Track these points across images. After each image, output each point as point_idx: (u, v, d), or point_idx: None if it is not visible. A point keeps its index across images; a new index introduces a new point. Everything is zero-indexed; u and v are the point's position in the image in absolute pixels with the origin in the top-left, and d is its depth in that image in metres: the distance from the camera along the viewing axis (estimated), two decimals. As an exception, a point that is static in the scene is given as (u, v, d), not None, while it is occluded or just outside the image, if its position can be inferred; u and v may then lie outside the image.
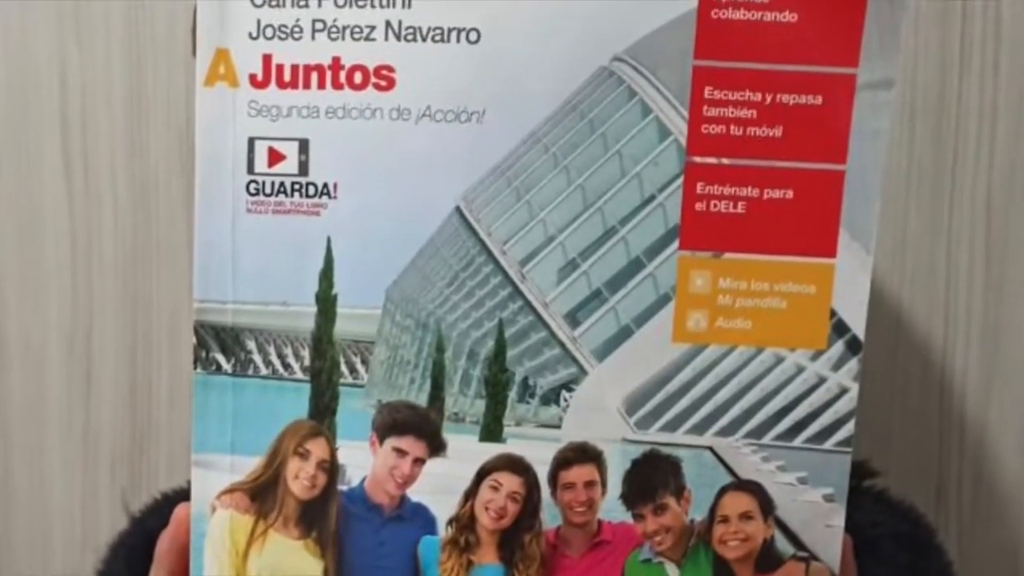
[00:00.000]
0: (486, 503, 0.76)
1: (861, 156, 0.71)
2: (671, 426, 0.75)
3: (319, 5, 0.72)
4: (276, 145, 0.73)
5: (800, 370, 0.75)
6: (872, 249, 0.73)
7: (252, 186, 0.74)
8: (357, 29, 0.72)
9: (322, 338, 0.76)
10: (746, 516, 0.75)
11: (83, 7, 1.31)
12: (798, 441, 0.75)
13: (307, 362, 0.77)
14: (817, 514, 0.74)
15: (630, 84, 0.73)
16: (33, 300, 1.37)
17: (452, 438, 0.76)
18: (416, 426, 0.76)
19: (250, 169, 0.74)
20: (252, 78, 0.73)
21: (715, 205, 0.72)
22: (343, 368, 0.77)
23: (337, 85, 0.73)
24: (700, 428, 0.75)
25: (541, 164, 0.74)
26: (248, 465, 0.76)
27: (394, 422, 0.76)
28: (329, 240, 0.74)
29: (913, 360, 1.27)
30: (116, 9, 1.31)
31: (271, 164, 0.74)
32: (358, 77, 0.72)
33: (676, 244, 0.73)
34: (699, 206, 0.73)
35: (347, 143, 0.73)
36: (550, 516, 0.76)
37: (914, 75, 1.21)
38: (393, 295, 0.76)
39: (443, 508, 0.77)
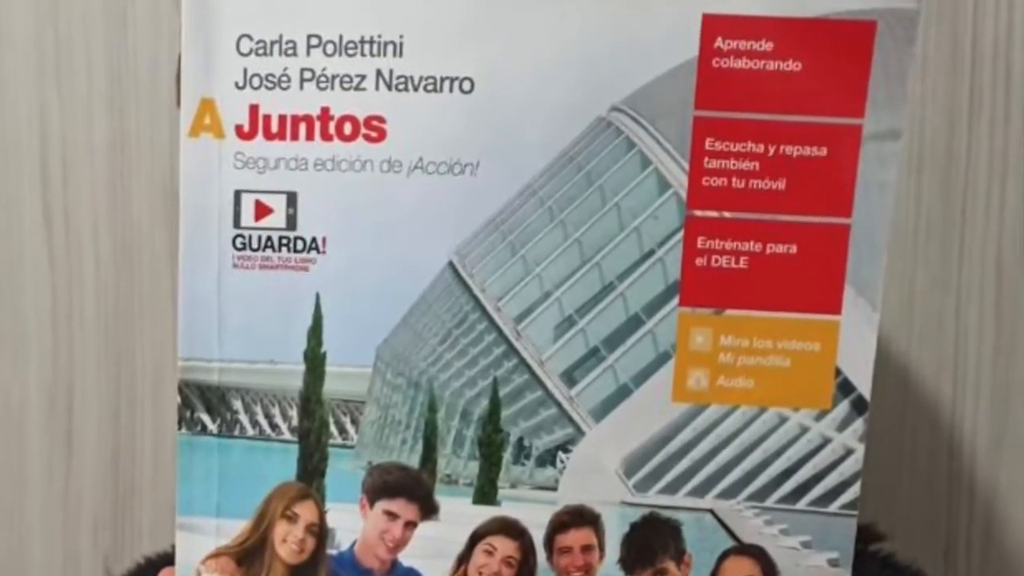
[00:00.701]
0: (480, 568, 0.75)
1: (867, 209, 0.70)
2: (671, 488, 0.74)
3: (307, 54, 0.71)
4: (263, 198, 0.73)
5: (804, 430, 0.73)
6: (878, 305, 0.71)
7: (238, 240, 0.73)
8: (347, 78, 0.71)
9: (311, 397, 0.75)
10: (749, 581, 0.74)
11: (64, 54, 1.30)
12: (802, 504, 0.74)
13: (295, 422, 0.76)
14: (822, 580, 0.74)
15: (629, 135, 0.72)
16: (12, 356, 1.35)
17: (445, 501, 0.75)
18: (408, 488, 0.75)
19: (236, 223, 0.73)
20: (238, 129, 0.72)
21: (716, 260, 0.71)
22: (332, 428, 0.76)
23: (326, 136, 0.72)
24: (701, 490, 0.74)
25: (537, 218, 0.73)
26: (234, 528, 0.75)
27: (385, 484, 0.75)
28: (318, 296, 0.73)
29: (921, 420, 1.26)
30: (98, 57, 1.30)
31: (258, 218, 0.73)
32: (348, 128, 0.71)
33: (676, 300, 0.72)
34: (700, 261, 0.72)
35: (336, 196, 0.72)
36: (546, 582, 0.75)
37: (922, 125, 1.21)
38: (384, 353, 0.75)
39: (435, 573, 0.75)
